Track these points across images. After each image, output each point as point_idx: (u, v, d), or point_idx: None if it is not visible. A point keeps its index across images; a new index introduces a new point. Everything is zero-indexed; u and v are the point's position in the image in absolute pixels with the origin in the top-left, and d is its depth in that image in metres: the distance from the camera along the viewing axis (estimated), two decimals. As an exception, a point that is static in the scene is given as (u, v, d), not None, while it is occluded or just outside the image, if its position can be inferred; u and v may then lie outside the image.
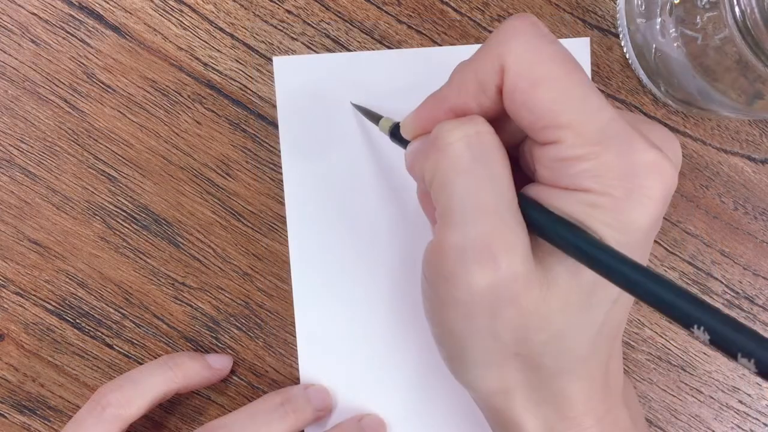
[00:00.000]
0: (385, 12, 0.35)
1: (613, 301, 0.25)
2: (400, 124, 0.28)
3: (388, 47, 0.35)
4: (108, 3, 0.35)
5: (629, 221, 0.22)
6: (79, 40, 0.35)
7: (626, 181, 0.22)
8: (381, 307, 0.36)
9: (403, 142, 0.29)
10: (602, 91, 0.36)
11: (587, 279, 0.24)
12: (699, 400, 0.37)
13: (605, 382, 0.26)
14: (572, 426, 0.26)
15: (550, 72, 0.22)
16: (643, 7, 0.33)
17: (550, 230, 0.23)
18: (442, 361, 0.28)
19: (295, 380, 0.37)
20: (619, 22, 0.35)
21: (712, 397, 0.37)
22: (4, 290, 0.36)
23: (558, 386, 0.25)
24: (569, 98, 0.22)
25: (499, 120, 0.25)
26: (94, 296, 0.36)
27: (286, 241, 0.36)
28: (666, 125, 0.36)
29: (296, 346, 0.36)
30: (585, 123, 0.22)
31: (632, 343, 0.37)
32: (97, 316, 0.36)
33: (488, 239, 0.22)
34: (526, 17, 0.23)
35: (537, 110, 0.22)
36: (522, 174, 0.26)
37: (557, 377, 0.25)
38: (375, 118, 0.33)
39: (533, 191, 0.24)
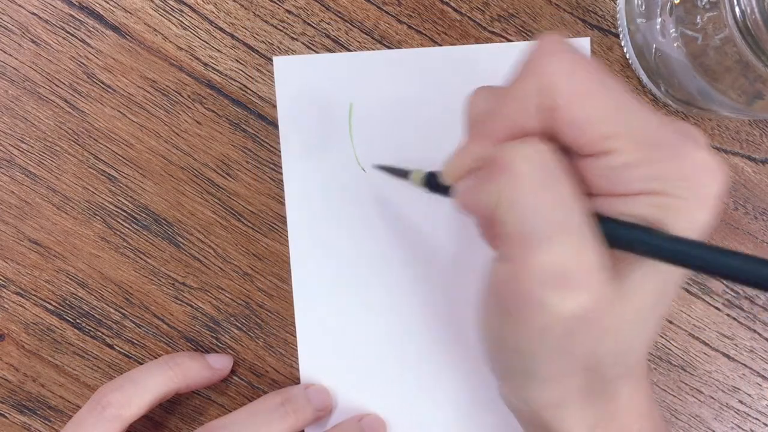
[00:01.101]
0: (385, 12, 0.35)
1: (672, 298, 0.25)
2: (437, 173, 0.27)
3: (388, 47, 0.35)
4: (108, 3, 0.35)
5: (696, 220, 0.22)
6: (79, 40, 0.35)
7: (688, 181, 0.22)
8: (381, 306, 0.36)
9: (442, 190, 0.27)
10: (602, 91, 0.36)
11: (659, 280, 0.24)
12: (699, 400, 0.37)
13: (647, 378, 0.27)
14: (617, 426, 0.26)
15: (594, 84, 0.23)
16: (643, 7, 0.33)
17: (629, 238, 0.23)
18: (492, 374, 0.28)
19: (296, 380, 0.37)
20: (619, 22, 0.35)
21: (712, 397, 0.37)
22: (4, 290, 0.36)
23: (611, 392, 0.26)
24: (617, 107, 0.23)
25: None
26: (95, 296, 0.36)
27: (286, 241, 0.36)
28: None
29: (296, 346, 0.36)
30: (637, 129, 0.22)
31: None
32: (97, 316, 0.36)
33: (571, 262, 0.22)
34: (555, 36, 0.23)
35: (587, 123, 0.23)
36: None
37: (612, 384, 0.25)
38: (402, 174, 0.31)
39: (599, 206, 0.24)
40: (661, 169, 0.22)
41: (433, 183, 0.28)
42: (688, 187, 0.22)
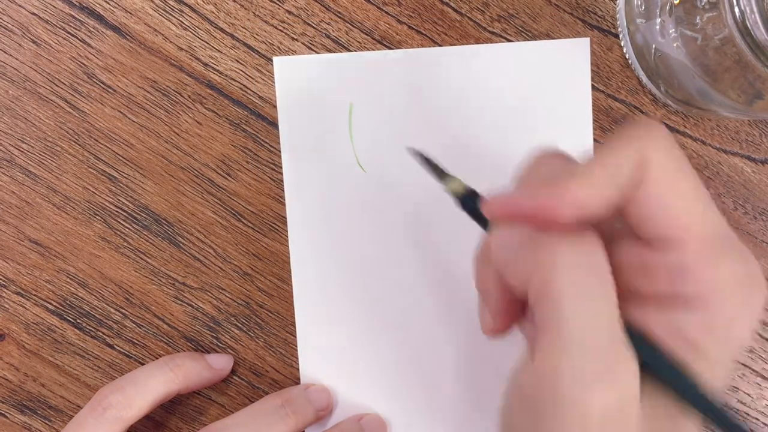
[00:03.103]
0: (386, 12, 0.35)
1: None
2: (482, 198, 0.26)
3: (388, 47, 0.36)
4: (108, 3, 0.35)
5: (736, 338, 0.22)
6: (79, 40, 0.35)
7: (742, 293, 0.22)
8: (381, 306, 0.36)
9: (477, 215, 0.26)
10: (602, 92, 0.36)
11: (676, 410, 0.23)
12: (699, 400, 0.37)
13: None
14: None
15: (687, 176, 0.22)
16: (643, 7, 0.33)
17: (659, 370, 0.22)
18: None
19: (296, 380, 0.37)
20: (618, 23, 0.35)
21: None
22: (4, 290, 0.36)
23: None
24: (698, 204, 0.22)
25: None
26: (95, 296, 0.36)
27: (287, 241, 0.36)
28: (666, 125, 0.36)
29: (296, 346, 0.36)
30: (707, 230, 0.22)
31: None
32: (97, 316, 0.36)
33: (609, 360, 0.21)
34: (655, 119, 0.23)
35: (670, 211, 0.22)
36: None
37: None
38: (440, 174, 0.28)
39: (640, 314, 0.23)
40: (723, 276, 0.22)
41: (470, 203, 0.27)
42: (742, 299, 0.22)
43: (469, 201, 0.27)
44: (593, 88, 0.36)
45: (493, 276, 0.25)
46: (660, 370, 0.22)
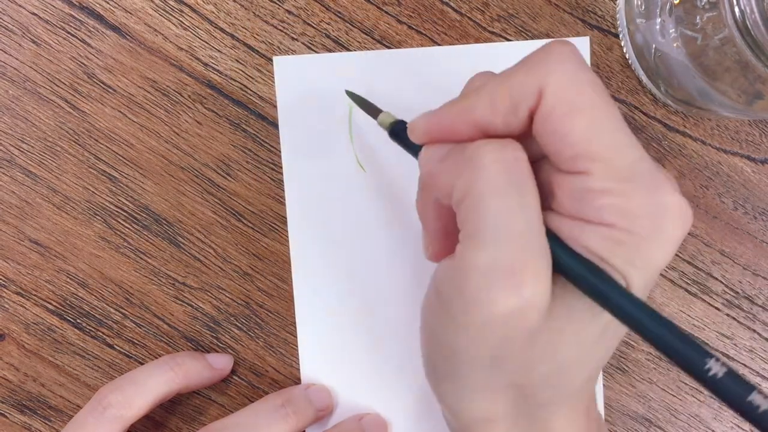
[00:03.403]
0: (385, 12, 0.35)
1: (620, 338, 0.25)
2: (407, 125, 0.28)
3: (388, 47, 0.36)
4: (108, 3, 0.35)
5: (649, 260, 0.22)
6: (79, 40, 0.35)
7: (651, 221, 0.22)
8: (381, 306, 0.36)
9: (405, 143, 0.28)
10: (602, 91, 0.36)
11: (603, 317, 0.23)
12: (699, 400, 0.37)
13: (588, 414, 0.27)
14: None
15: (588, 101, 0.22)
16: (643, 7, 0.33)
17: (573, 269, 0.23)
18: (430, 384, 0.28)
19: (296, 380, 0.37)
20: (619, 22, 0.35)
21: (712, 397, 0.37)
22: (4, 290, 0.36)
23: (542, 417, 0.25)
24: (604, 130, 0.22)
25: (521, 141, 0.24)
26: (95, 296, 0.36)
27: (287, 241, 0.36)
28: (666, 125, 0.36)
29: (296, 346, 0.36)
30: (616, 157, 0.22)
31: (632, 342, 0.37)
32: (97, 316, 0.36)
33: (517, 265, 0.22)
34: (568, 44, 0.23)
35: (570, 138, 0.22)
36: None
37: (544, 408, 0.25)
38: (373, 111, 0.32)
39: (554, 223, 0.23)
40: (627, 203, 0.22)
41: (399, 133, 0.28)
42: (651, 227, 0.22)
43: (399, 131, 0.28)
44: (593, 88, 0.36)
45: (429, 198, 0.27)
46: (574, 271, 0.23)
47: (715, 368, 0.19)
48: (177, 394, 0.34)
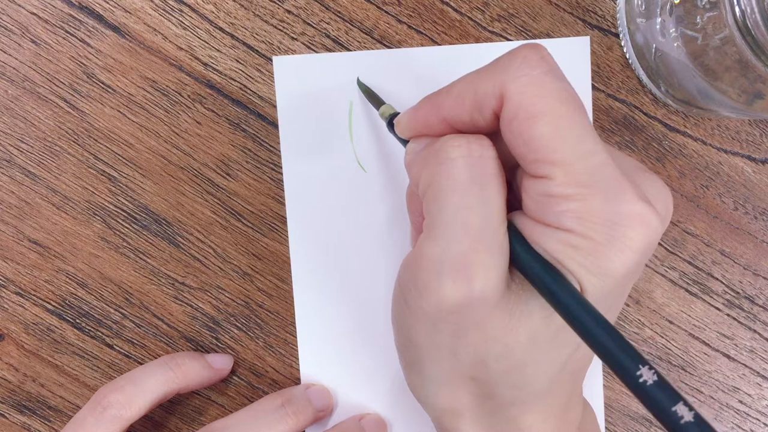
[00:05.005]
0: (385, 12, 0.35)
1: (578, 344, 0.25)
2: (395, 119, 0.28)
3: (388, 47, 0.35)
4: (108, 3, 0.35)
5: (606, 267, 0.22)
6: (79, 40, 0.35)
7: (609, 228, 0.22)
8: (381, 306, 0.36)
9: (398, 136, 0.28)
10: (602, 91, 0.36)
11: (556, 320, 0.23)
12: (699, 400, 0.37)
13: (563, 417, 0.26)
14: None
15: (550, 108, 0.22)
16: (643, 7, 0.33)
17: (528, 266, 0.23)
18: (403, 374, 0.28)
19: (296, 380, 0.37)
20: (619, 22, 0.35)
21: (712, 397, 0.37)
22: (4, 290, 0.36)
23: (510, 416, 0.25)
24: (565, 137, 0.22)
25: (496, 139, 0.25)
26: (94, 296, 0.36)
27: (286, 241, 0.36)
28: (666, 125, 0.36)
29: (296, 346, 0.36)
30: (576, 163, 0.22)
31: (632, 343, 0.37)
32: (97, 316, 0.36)
33: (467, 258, 0.22)
34: (537, 49, 0.23)
35: (531, 143, 0.22)
36: (513, 196, 0.26)
37: (511, 407, 0.25)
38: (377, 102, 0.32)
39: (519, 222, 0.24)
40: (583, 209, 0.22)
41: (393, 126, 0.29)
42: (605, 233, 0.22)
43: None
44: (593, 87, 0.36)
45: (412, 191, 0.28)
46: (530, 269, 0.23)
47: (646, 375, 0.19)
48: (177, 394, 0.34)
